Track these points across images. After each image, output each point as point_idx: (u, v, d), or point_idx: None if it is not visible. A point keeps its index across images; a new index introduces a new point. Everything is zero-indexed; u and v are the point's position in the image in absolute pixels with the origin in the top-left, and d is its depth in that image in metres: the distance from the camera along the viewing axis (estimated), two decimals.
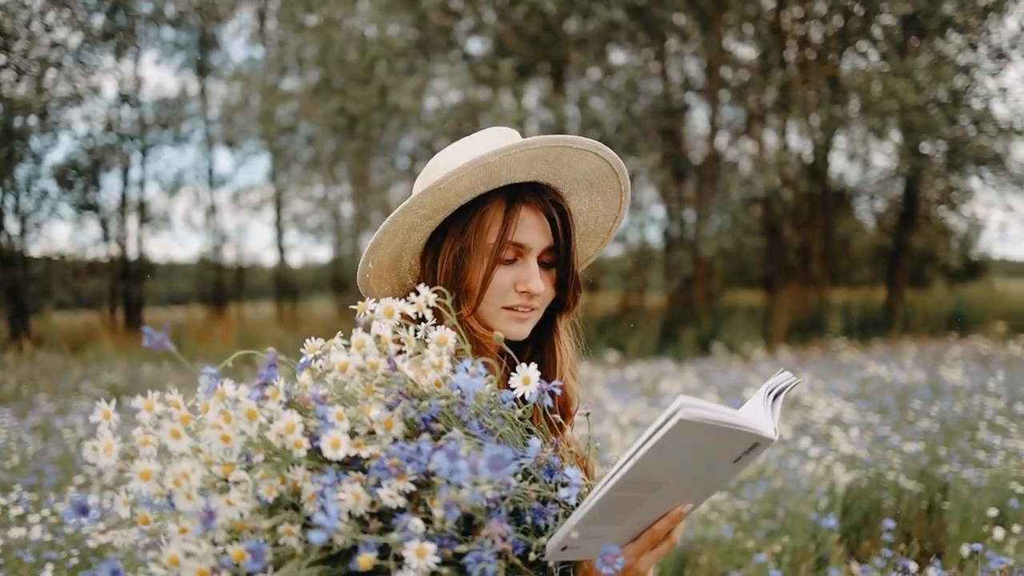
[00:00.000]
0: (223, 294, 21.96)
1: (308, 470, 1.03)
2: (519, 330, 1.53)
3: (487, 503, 1.03)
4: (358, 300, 1.27)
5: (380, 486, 1.01)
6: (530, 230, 1.50)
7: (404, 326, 1.23)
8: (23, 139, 17.21)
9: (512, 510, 1.11)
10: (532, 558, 1.11)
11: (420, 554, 0.96)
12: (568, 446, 1.33)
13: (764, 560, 3.18)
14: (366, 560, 0.97)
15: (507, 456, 0.97)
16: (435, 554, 0.97)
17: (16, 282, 16.91)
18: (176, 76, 25.39)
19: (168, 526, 1.00)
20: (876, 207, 21.02)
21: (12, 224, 17.55)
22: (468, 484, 0.98)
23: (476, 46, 17.43)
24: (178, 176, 20.94)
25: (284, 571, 0.99)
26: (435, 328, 1.20)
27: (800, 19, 17.17)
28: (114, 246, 19.81)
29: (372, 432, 1.07)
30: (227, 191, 29.76)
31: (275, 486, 1.03)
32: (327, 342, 1.21)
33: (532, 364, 1.19)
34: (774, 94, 16.99)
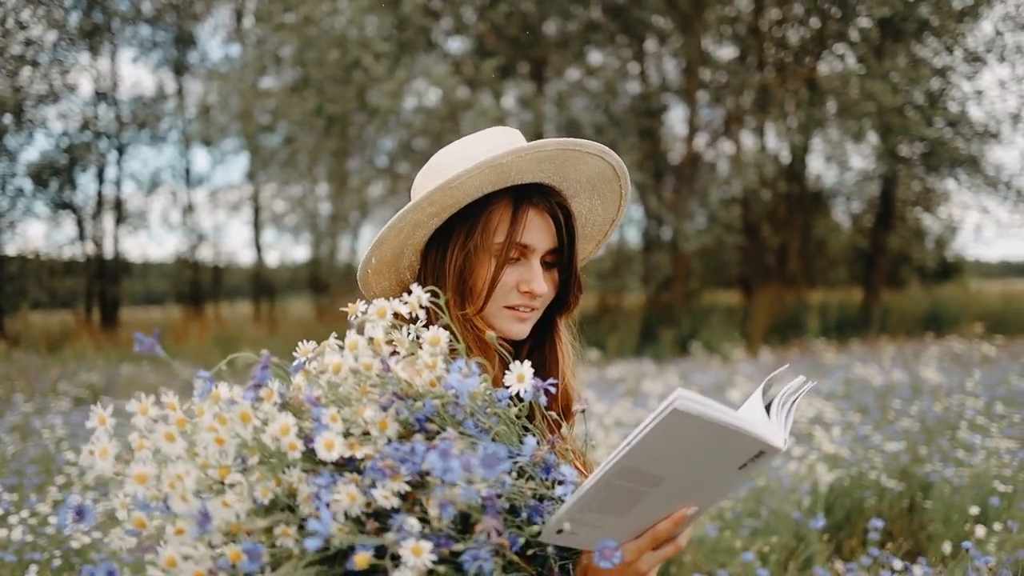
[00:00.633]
0: (200, 293, 21.84)
1: (303, 472, 1.03)
2: (519, 329, 1.54)
3: (482, 501, 1.03)
4: (337, 300, 1.26)
5: (375, 487, 1.01)
6: (536, 231, 1.51)
7: (397, 327, 1.23)
8: None
9: (509, 507, 1.11)
10: (530, 552, 1.10)
11: (416, 552, 0.96)
12: (564, 442, 1.33)
13: (752, 559, 3.18)
14: (363, 559, 0.97)
15: (500, 454, 0.98)
16: (432, 552, 0.98)
17: None
18: (153, 74, 25.32)
19: (166, 528, 1.00)
20: (853, 208, 21.24)
21: None
22: (462, 482, 0.98)
23: (456, 46, 17.42)
24: (155, 175, 20.86)
25: (281, 572, 0.99)
26: (427, 328, 1.19)
27: (778, 21, 17.25)
28: (90, 245, 19.69)
29: (367, 433, 1.07)
30: (204, 190, 29.64)
31: (271, 488, 1.03)
32: (321, 344, 1.21)
33: (527, 362, 1.19)
34: (752, 95, 17.07)
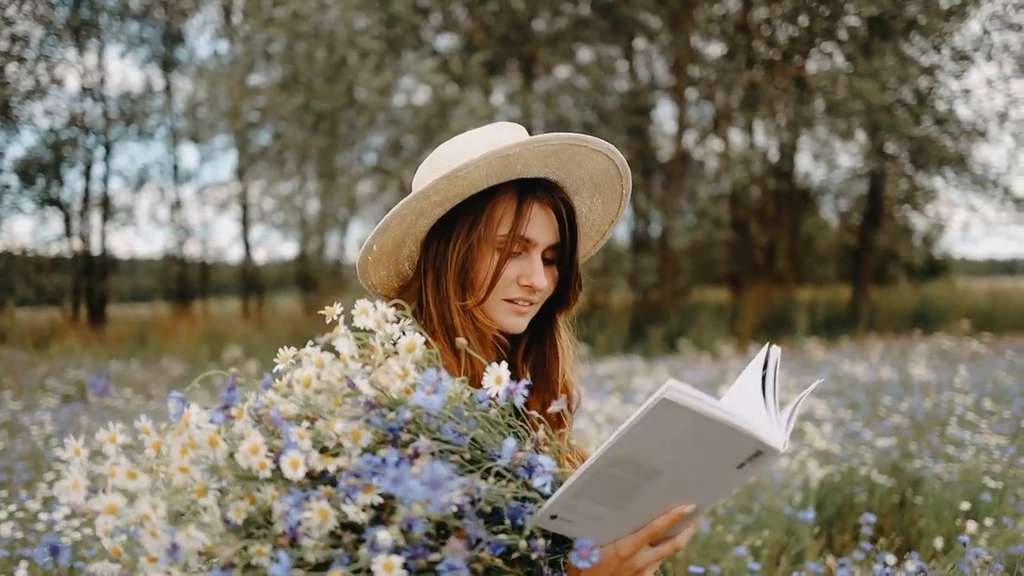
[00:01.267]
0: (188, 290, 21.70)
1: (276, 490, 1.03)
2: (517, 323, 1.55)
3: (456, 509, 1.03)
4: (325, 297, 1.27)
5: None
6: (539, 226, 1.52)
7: (371, 332, 1.22)
8: None
9: (491, 511, 1.10)
10: (515, 555, 1.10)
11: (388, 568, 0.95)
12: (560, 440, 1.34)
13: (744, 554, 3.20)
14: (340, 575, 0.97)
15: (442, 474, 0.96)
16: (407, 565, 0.98)
17: None
18: (141, 70, 25.15)
19: (140, 558, 1.01)
20: (841, 206, 21.28)
21: None
22: (421, 502, 0.97)
23: (445, 43, 17.39)
24: (142, 171, 20.68)
25: None
26: (404, 335, 1.19)
27: (767, 19, 17.29)
28: (77, 242, 19.52)
29: (341, 444, 1.07)
30: (192, 187, 29.49)
31: (244, 508, 1.02)
32: (299, 351, 1.21)
33: (504, 364, 1.19)
34: (741, 93, 17.10)
